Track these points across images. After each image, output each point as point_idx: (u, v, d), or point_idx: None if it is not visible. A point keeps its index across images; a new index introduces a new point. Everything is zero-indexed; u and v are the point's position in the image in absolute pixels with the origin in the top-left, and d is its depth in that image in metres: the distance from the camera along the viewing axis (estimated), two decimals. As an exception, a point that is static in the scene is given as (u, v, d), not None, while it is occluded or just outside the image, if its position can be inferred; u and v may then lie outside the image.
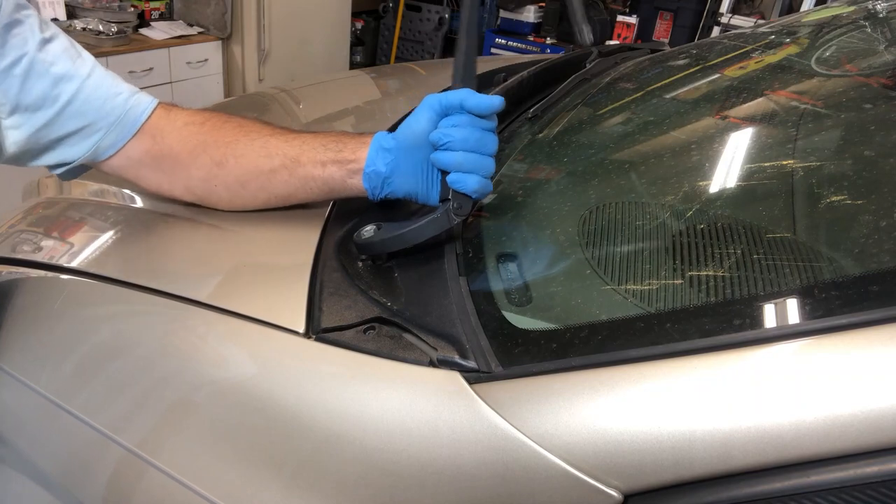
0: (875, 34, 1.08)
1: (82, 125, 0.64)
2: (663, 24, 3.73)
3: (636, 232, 0.64)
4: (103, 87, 0.65)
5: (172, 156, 0.68)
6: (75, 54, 0.64)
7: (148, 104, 0.68)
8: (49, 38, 0.62)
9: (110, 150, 0.67)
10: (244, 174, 0.67)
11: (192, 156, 0.68)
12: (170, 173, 0.69)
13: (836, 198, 0.62)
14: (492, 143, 0.60)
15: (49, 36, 0.62)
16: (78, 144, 0.65)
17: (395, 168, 0.62)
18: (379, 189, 0.64)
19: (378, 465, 0.51)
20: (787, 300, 0.48)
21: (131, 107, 0.66)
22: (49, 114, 0.62)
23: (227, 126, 0.69)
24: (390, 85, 1.43)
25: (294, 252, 0.67)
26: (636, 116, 0.95)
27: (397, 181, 0.63)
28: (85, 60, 0.65)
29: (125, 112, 0.66)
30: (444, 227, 0.61)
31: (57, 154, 0.65)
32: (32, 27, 0.61)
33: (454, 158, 0.58)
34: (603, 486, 0.43)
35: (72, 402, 0.66)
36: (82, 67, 0.64)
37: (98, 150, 0.66)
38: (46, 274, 0.73)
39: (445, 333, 0.53)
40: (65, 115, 0.63)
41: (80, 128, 0.64)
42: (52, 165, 0.67)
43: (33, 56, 0.60)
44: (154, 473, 0.60)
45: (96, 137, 0.65)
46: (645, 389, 0.44)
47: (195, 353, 0.61)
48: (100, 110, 0.64)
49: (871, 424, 0.38)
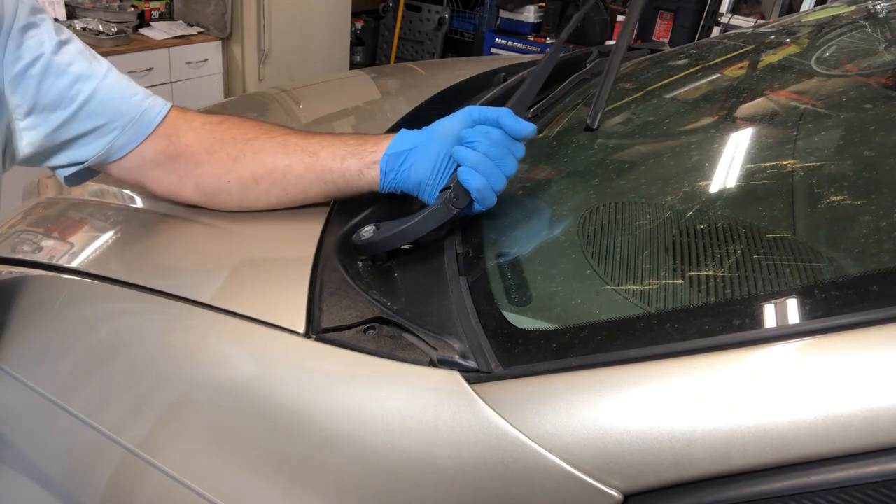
0: (875, 34, 1.08)
1: (98, 124, 0.64)
2: (663, 24, 3.73)
3: (636, 232, 0.64)
4: (119, 88, 0.65)
5: (188, 154, 0.68)
6: (91, 56, 0.65)
7: (164, 105, 0.69)
8: (65, 41, 0.62)
9: (123, 150, 0.67)
10: (260, 168, 0.68)
11: (208, 152, 0.68)
12: (181, 172, 0.69)
13: (836, 198, 0.62)
14: (511, 165, 0.63)
15: (65, 38, 0.63)
16: (92, 144, 0.65)
17: (416, 149, 0.64)
18: (395, 171, 0.64)
19: (378, 465, 0.51)
20: (787, 300, 0.48)
21: (148, 107, 0.67)
22: (66, 113, 0.62)
23: (246, 125, 0.70)
24: (390, 85, 1.43)
25: (294, 252, 0.67)
26: (636, 116, 0.95)
27: (414, 162, 0.64)
28: (101, 62, 0.66)
29: (141, 112, 0.66)
30: (443, 219, 0.61)
31: (70, 154, 0.66)
32: (48, 30, 0.61)
33: (473, 156, 0.61)
34: (603, 486, 0.43)
35: (72, 402, 0.66)
36: (99, 68, 0.64)
37: (111, 149, 0.66)
38: (46, 274, 0.73)
39: (445, 333, 0.53)
40: (81, 115, 0.63)
41: (96, 127, 0.64)
42: (62, 165, 0.67)
43: (50, 57, 0.60)
44: (154, 473, 0.60)
45: (111, 136, 0.65)
46: (645, 389, 0.44)
47: (195, 353, 0.61)
48: (116, 109, 0.65)
49: (871, 424, 0.38)
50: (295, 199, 0.70)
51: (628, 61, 1.22)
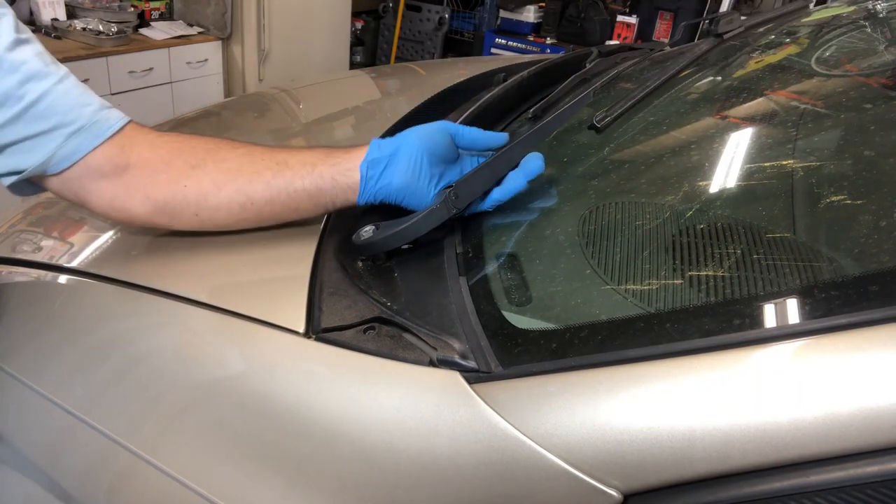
0: (875, 34, 1.08)
1: (43, 129, 0.60)
2: (663, 24, 3.73)
3: (636, 232, 0.64)
4: (74, 95, 0.61)
5: (140, 163, 0.64)
6: (49, 60, 0.61)
7: (120, 118, 0.64)
8: (24, 40, 0.59)
9: (66, 162, 0.61)
10: (221, 176, 0.64)
11: (163, 161, 0.64)
12: (129, 183, 0.64)
13: (836, 198, 0.62)
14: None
15: (25, 38, 0.59)
16: (33, 151, 0.60)
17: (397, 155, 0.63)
18: (376, 178, 0.63)
19: (378, 465, 0.51)
20: (786, 300, 0.48)
21: (99, 119, 0.62)
22: (9, 113, 0.58)
23: (206, 138, 0.67)
24: (390, 85, 1.43)
25: (294, 252, 0.67)
26: (635, 116, 0.95)
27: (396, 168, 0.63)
28: (59, 67, 0.61)
29: (91, 122, 0.61)
30: (443, 218, 0.61)
31: (9, 161, 0.60)
32: (7, 26, 0.58)
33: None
34: (603, 485, 0.44)
35: (71, 402, 0.66)
36: (55, 72, 0.60)
37: (54, 158, 0.61)
38: (46, 274, 0.73)
39: (445, 333, 0.53)
40: (27, 117, 0.58)
41: (40, 132, 0.60)
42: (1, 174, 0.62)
43: (2, 54, 0.57)
44: (153, 473, 0.60)
45: (53, 145, 0.60)
46: (645, 389, 0.44)
47: (195, 353, 0.61)
48: (65, 116, 0.60)
49: (871, 424, 0.38)
50: (261, 211, 0.65)
51: (628, 61, 1.22)
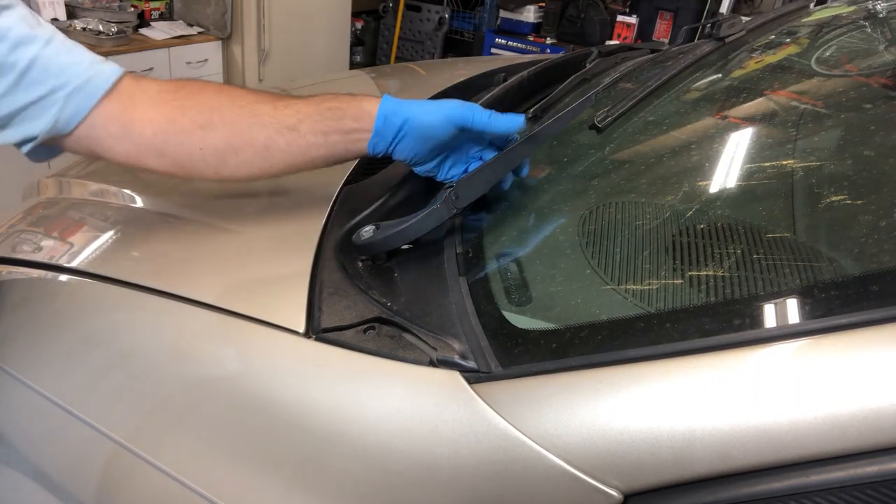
0: (875, 34, 1.08)
1: (41, 94, 0.59)
2: (663, 24, 3.72)
3: (636, 232, 0.64)
4: (63, 53, 0.60)
5: (145, 120, 0.63)
6: (35, 23, 0.60)
7: (113, 71, 0.63)
8: (5, 6, 0.58)
9: (73, 122, 0.61)
10: (236, 139, 0.64)
11: (168, 119, 0.63)
12: (139, 143, 0.64)
13: (836, 198, 0.62)
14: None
15: (5, 3, 0.58)
16: (39, 117, 0.60)
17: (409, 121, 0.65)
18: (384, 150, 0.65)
19: (378, 465, 0.51)
20: (786, 300, 0.48)
21: (94, 75, 0.61)
22: (5, 83, 0.57)
23: (207, 91, 0.66)
24: (390, 85, 1.42)
25: (294, 252, 0.67)
26: (635, 116, 0.94)
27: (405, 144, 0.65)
28: (44, 28, 0.61)
29: (86, 80, 0.61)
30: (444, 218, 0.61)
31: (19, 130, 0.61)
32: None
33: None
34: (603, 485, 0.44)
35: (71, 402, 0.66)
36: (41, 34, 0.60)
37: (59, 121, 0.61)
38: (46, 274, 0.73)
39: (445, 333, 0.53)
40: (24, 84, 0.58)
41: (39, 97, 0.59)
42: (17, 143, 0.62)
43: None
44: (154, 473, 0.60)
45: (55, 109, 0.60)
46: (645, 389, 0.44)
47: (195, 353, 0.61)
48: (58, 78, 0.59)
49: (871, 424, 0.38)
50: (279, 173, 0.67)
51: (628, 61, 1.22)
